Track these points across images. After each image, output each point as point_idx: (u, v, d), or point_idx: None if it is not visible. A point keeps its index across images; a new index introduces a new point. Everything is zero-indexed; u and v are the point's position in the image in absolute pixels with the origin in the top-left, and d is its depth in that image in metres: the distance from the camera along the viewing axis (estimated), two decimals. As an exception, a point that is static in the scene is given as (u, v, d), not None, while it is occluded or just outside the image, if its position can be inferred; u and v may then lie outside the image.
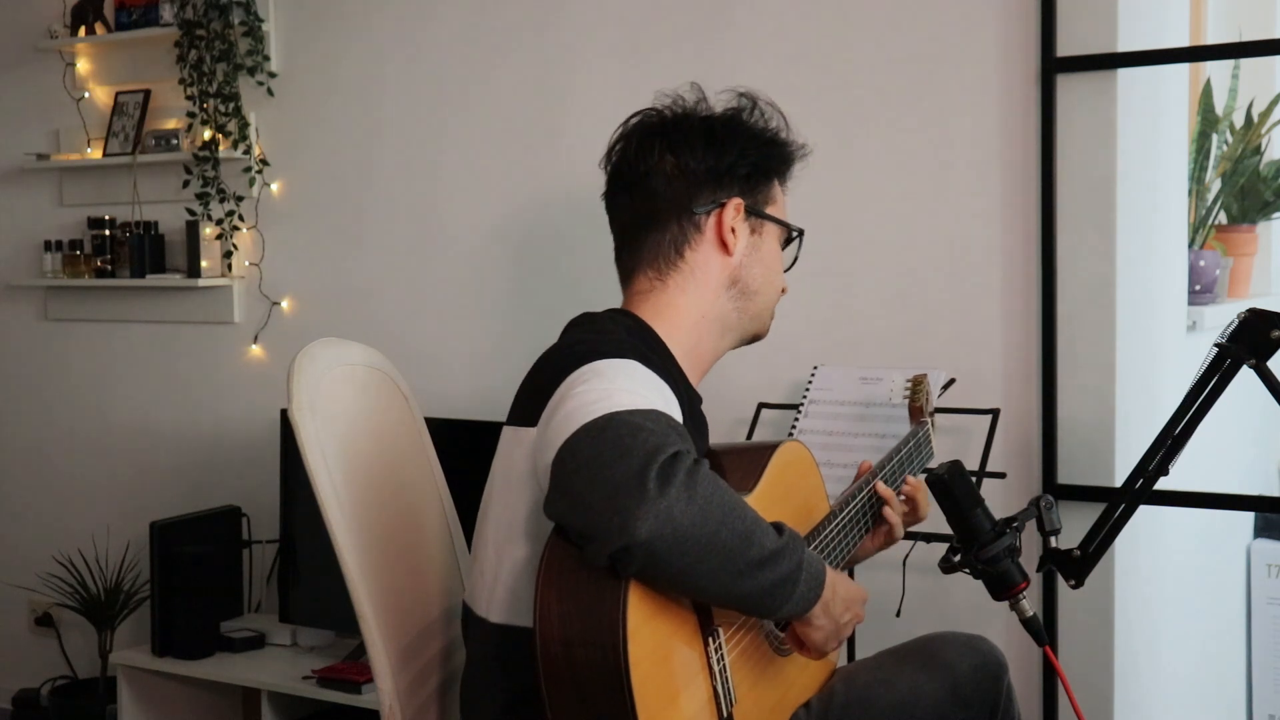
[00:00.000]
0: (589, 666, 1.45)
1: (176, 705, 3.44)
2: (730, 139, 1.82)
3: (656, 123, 1.84)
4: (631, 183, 1.83)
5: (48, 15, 3.86)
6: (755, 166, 1.83)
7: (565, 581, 1.48)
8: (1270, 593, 3.45)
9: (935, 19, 2.74)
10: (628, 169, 1.84)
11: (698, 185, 1.80)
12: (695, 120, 1.83)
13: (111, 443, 3.89)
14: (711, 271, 1.81)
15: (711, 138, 1.81)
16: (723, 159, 1.81)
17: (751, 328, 1.88)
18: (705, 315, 1.82)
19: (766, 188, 1.86)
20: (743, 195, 1.82)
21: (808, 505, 1.87)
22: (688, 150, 1.80)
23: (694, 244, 1.81)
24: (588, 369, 1.58)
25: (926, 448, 2.19)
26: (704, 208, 1.80)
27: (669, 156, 1.80)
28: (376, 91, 3.43)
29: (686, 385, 1.78)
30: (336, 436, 1.91)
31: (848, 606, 1.65)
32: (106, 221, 3.76)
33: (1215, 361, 1.93)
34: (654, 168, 1.81)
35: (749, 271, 1.83)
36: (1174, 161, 2.99)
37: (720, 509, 1.45)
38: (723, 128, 1.83)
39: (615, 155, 1.86)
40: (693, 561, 1.44)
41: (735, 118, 1.85)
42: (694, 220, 1.80)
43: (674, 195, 1.80)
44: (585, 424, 1.46)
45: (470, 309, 3.32)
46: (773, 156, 1.86)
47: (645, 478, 1.41)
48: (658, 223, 1.81)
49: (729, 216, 1.80)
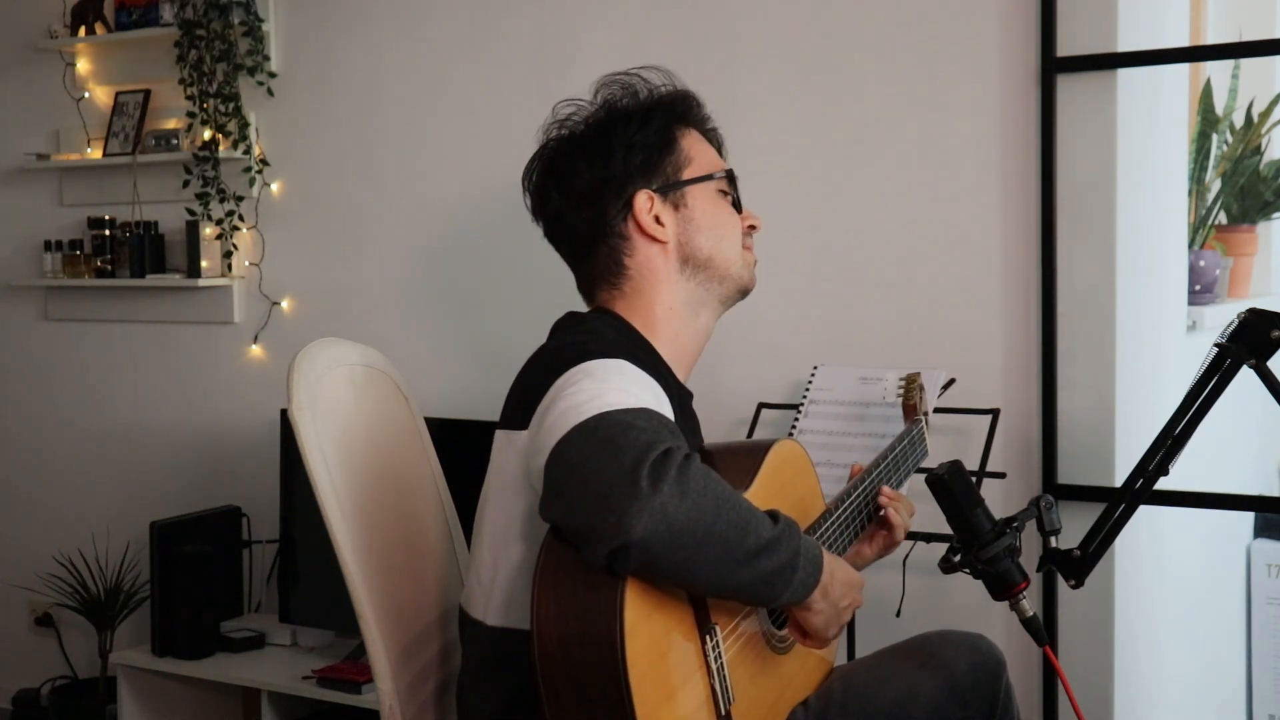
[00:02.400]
0: (586, 666, 1.45)
1: (176, 705, 3.44)
2: (607, 140, 1.82)
3: (542, 163, 1.87)
4: (552, 228, 1.87)
5: (48, 15, 3.86)
6: (646, 147, 1.82)
7: (562, 582, 1.48)
8: (1270, 593, 3.45)
9: (935, 19, 2.74)
10: (542, 217, 1.88)
11: (601, 200, 1.81)
12: (569, 143, 1.84)
13: (111, 443, 3.89)
14: (656, 264, 1.82)
15: (589, 151, 1.82)
16: (610, 164, 1.81)
17: (727, 288, 1.86)
18: (672, 306, 1.82)
19: (671, 155, 1.83)
20: (647, 182, 1.81)
21: (803, 504, 1.86)
22: (574, 177, 1.82)
23: (628, 251, 1.82)
24: (578, 370, 1.58)
25: (921, 446, 2.19)
26: (617, 216, 1.81)
27: (564, 191, 1.83)
28: (376, 92, 3.43)
29: (676, 383, 1.78)
30: (336, 436, 1.91)
31: (846, 590, 1.64)
32: (106, 221, 3.76)
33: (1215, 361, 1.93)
34: (559, 207, 1.84)
35: (692, 245, 1.82)
36: (1174, 161, 2.99)
37: (714, 501, 1.45)
38: (595, 135, 1.83)
39: (530, 209, 1.90)
40: (690, 555, 1.44)
41: (605, 116, 1.85)
42: (615, 232, 1.81)
43: (587, 221, 1.82)
44: (577, 425, 1.47)
45: (470, 309, 3.32)
46: (657, 126, 1.84)
47: (638, 476, 1.41)
48: (589, 250, 1.84)
49: (642, 211, 1.80)
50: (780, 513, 1.55)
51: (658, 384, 1.63)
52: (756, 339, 2.90)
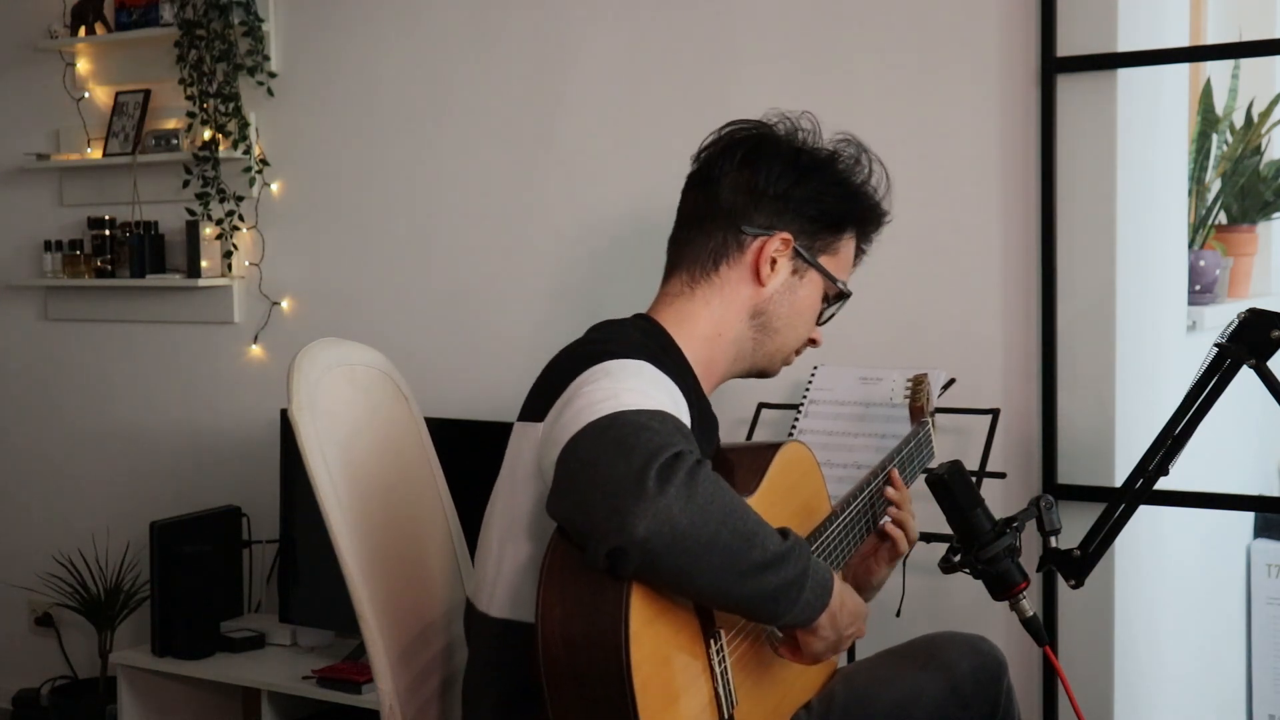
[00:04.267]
0: (591, 668, 1.45)
1: (176, 705, 3.44)
2: (811, 174, 1.80)
3: (753, 133, 1.83)
4: (702, 180, 1.83)
5: (48, 15, 3.86)
6: (825, 210, 1.81)
7: (567, 582, 1.48)
8: (1270, 593, 3.45)
9: (935, 19, 2.74)
10: (705, 165, 1.83)
11: (757, 205, 1.78)
12: (787, 145, 1.82)
13: (111, 443, 3.89)
14: (740, 295, 1.80)
15: (793, 165, 1.79)
16: (794, 190, 1.79)
17: (762, 363, 1.86)
18: (723, 335, 1.80)
19: (831, 236, 1.83)
20: (799, 233, 1.79)
21: (809, 506, 1.86)
22: (764, 168, 1.79)
23: (732, 261, 1.79)
24: (598, 369, 1.58)
25: (928, 447, 2.19)
26: (753, 229, 1.78)
27: (745, 168, 1.79)
28: (376, 92, 3.43)
29: (698, 390, 1.77)
30: (336, 436, 1.91)
31: (853, 620, 1.63)
32: (106, 221, 3.76)
33: (1215, 361, 1.93)
34: (727, 173, 1.80)
35: (775, 308, 1.81)
36: (1174, 161, 2.99)
37: (721, 510, 1.44)
38: (809, 161, 1.81)
39: (703, 150, 1.85)
40: (691, 562, 1.43)
41: (829, 158, 1.83)
42: (739, 238, 1.79)
43: (732, 206, 1.79)
44: (590, 422, 1.46)
45: (470, 309, 3.32)
46: (849, 208, 1.83)
47: (645, 477, 1.40)
48: (707, 227, 1.80)
49: (772, 248, 1.78)
50: (792, 531, 1.54)
51: (678, 388, 1.62)
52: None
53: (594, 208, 3.12)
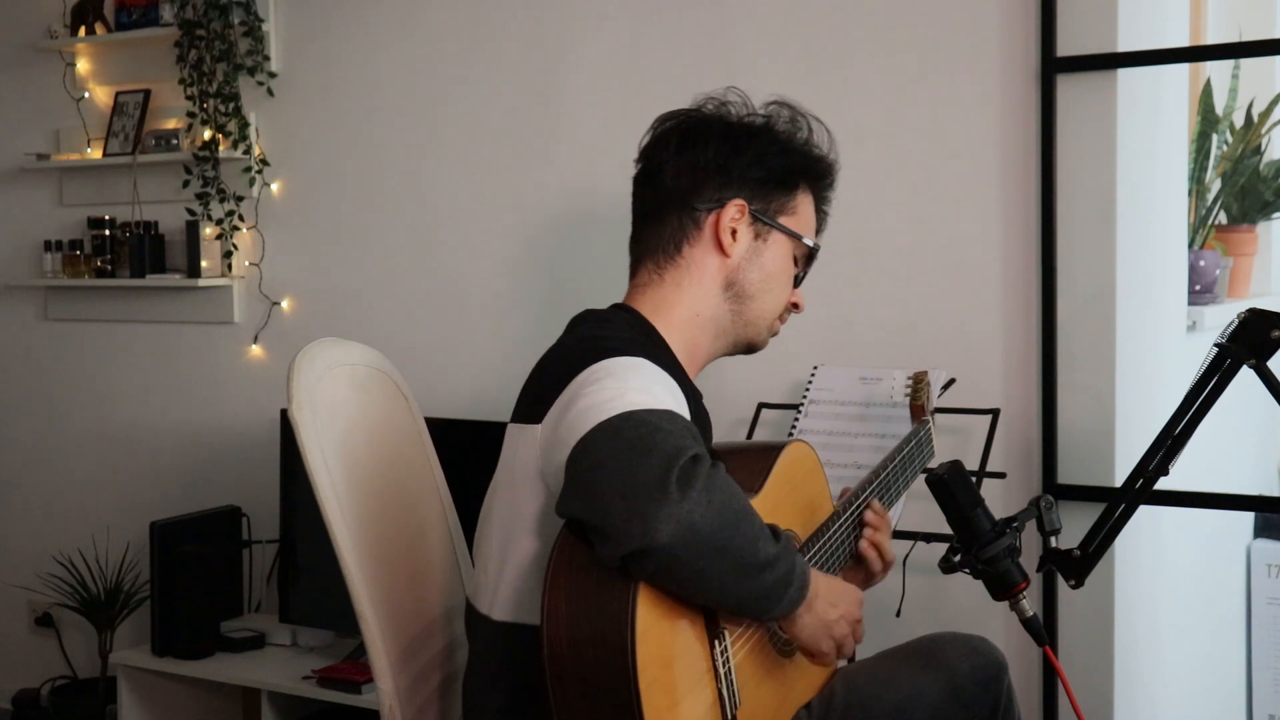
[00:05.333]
0: (597, 668, 1.45)
1: (176, 705, 3.44)
2: (748, 141, 1.81)
3: (682, 118, 1.84)
4: (647, 173, 1.85)
5: (48, 15, 3.86)
6: (771, 171, 1.81)
7: (573, 583, 1.48)
8: (1270, 593, 3.45)
9: (935, 19, 2.74)
10: (645, 160, 1.85)
11: (703, 181, 1.80)
12: (719, 120, 1.83)
13: (111, 443, 3.89)
14: (708, 270, 1.81)
15: (729, 137, 1.81)
16: (734, 158, 1.80)
17: (746, 334, 1.86)
18: (699, 314, 1.81)
19: (784, 196, 1.84)
20: (751, 198, 1.81)
21: (812, 506, 1.87)
22: (701, 145, 1.80)
23: (692, 240, 1.80)
24: (599, 367, 1.58)
25: (928, 446, 2.19)
26: (705, 205, 1.80)
27: (682, 151, 1.81)
28: (376, 91, 3.43)
29: (689, 382, 1.78)
30: (336, 436, 1.91)
31: (833, 603, 1.64)
32: (106, 221, 3.76)
33: (1215, 361, 1.93)
34: (666, 160, 1.82)
35: (746, 275, 1.82)
36: (1174, 161, 2.99)
37: (735, 514, 1.46)
38: (744, 130, 1.82)
39: (641, 146, 1.87)
40: (707, 565, 1.44)
41: (763, 123, 1.84)
42: (694, 216, 1.80)
43: (679, 189, 1.80)
44: (601, 422, 1.46)
45: (470, 309, 3.32)
46: (792, 164, 1.84)
47: (667, 480, 1.40)
48: (661, 216, 1.82)
49: (728, 217, 1.79)
50: (779, 528, 1.56)
51: (675, 383, 1.63)
52: (756, 339, 2.89)
53: (594, 207, 3.12)
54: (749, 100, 1.87)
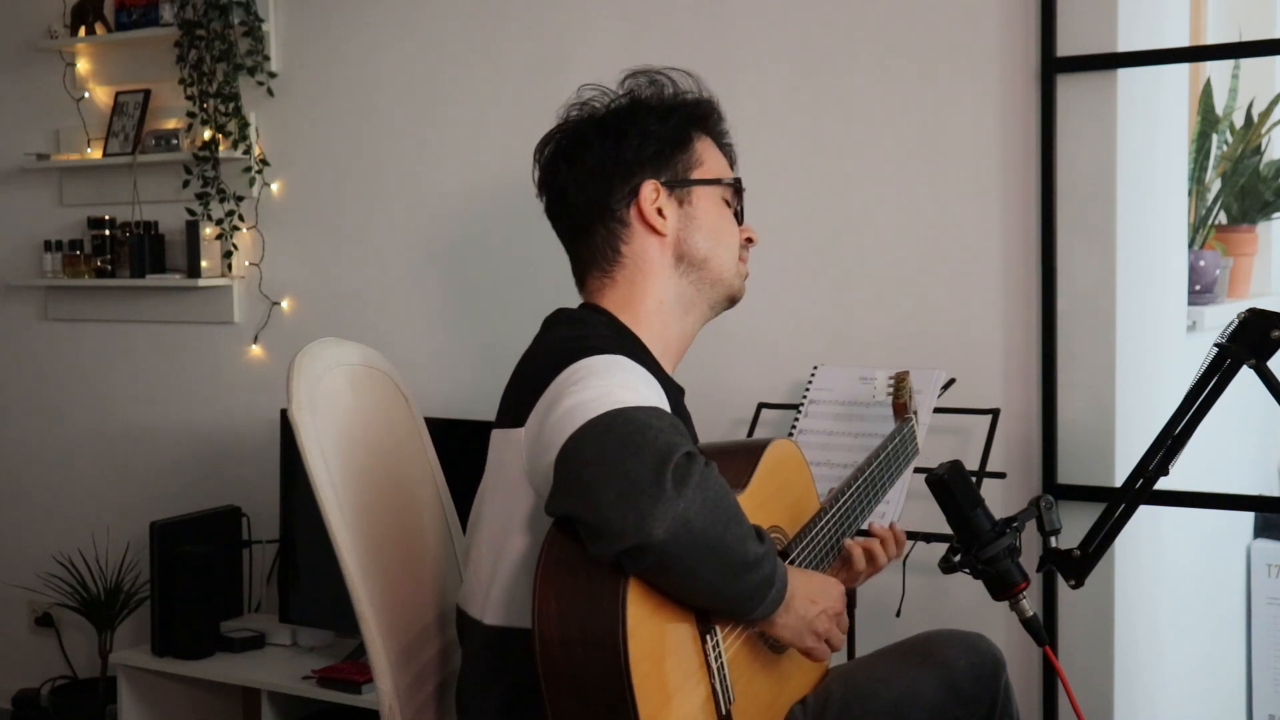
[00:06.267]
0: (589, 666, 1.45)
1: (176, 705, 3.44)
2: (624, 125, 1.82)
3: (556, 137, 1.86)
4: (553, 202, 1.86)
5: (48, 15, 3.86)
6: (661, 139, 1.82)
7: (563, 582, 1.48)
8: (1270, 593, 3.45)
9: (935, 19, 2.74)
10: (546, 190, 1.86)
11: (606, 182, 1.80)
12: (587, 123, 1.84)
13: (111, 443, 3.89)
14: (652, 256, 1.81)
15: (605, 132, 1.81)
16: (622, 148, 1.80)
17: (718, 293, 1.86)
18: (662, 301, 1.81)
19: (684, 154, 1.83)
20: (656, 174, 1.81)
21: (799, 504, 1.87)
22: (585, 154, 1.81)
23: (625, 238, 1.81)
24: (580, 366, 1.58)
25: (912, 444, 2.20)
26: (620, 201, 1.80)
27: (573, 166, 1.82)
28: (376, 92, 3.43)
29: (668, 379, 1.78)
30: (336, 436, 1.91)
31: (813, 599, 1.65)
32: (106, 221, 3.76)
33: (1215, 361, 1.93)
34: (565, 181, 1.82)
35: (690, 243, 1.81)
36: (1174, 161, 2.99)
37: (726, 511, 1.47)
38: (614, 118, 1.83)
39: (536, 183, 1.88)
40: (699, 562, 1.45)
41: (628, 103, 1.85)
42: (616, 216, 1.81)
43: (589, 200, 1.81)
44: (589, 420, 1.46)
45: (470, 309, 3.32)
46: (676, 122, 1.84)
47: (662, 477, 1.41)
48: (586, 230, 1.82)
49: (647, 200, 1.80)
50: (763, 529, 1.56)
51: (656, 380, 1.63)
52: (756, 339, 2.90)
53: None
54: (604, 88, 1.87)
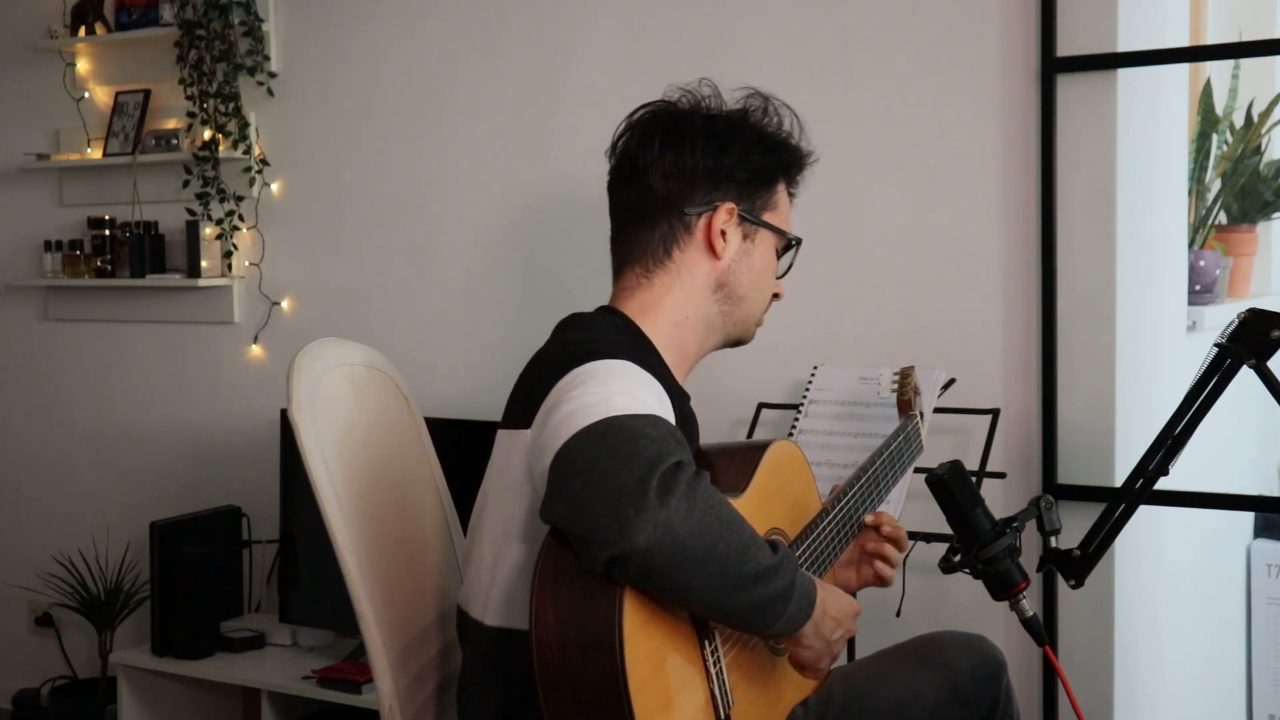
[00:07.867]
0: (586, 671, 1.45)
1: (176, 705, 3.44)
2: (732, 140, 1.80)
3: (662, 116, 1.82)
4: (629, 175, 1.82)
5: (48, 15, 3.86)
6: (756, 170, 1.81)
7: (560, 586, 1.48)
8: (1270, 593, 3.45)
9: (935, 19, 2.74)
10: (627, 161, 1.82)
11: (693, 185, 1.78)
12: (699, 117, 1.81)
13: (111, 443, 3.89)
14: (698, 273, 1.80)
15: (713, 136, 1.79)
16: (722, 160, 1.78)
17: (736, 332, 1.86)
18: (690, 315, 1.81)
19: (767, 193, 1.83)
20: (738, 199, 1.80)
21: (800, 504, 1.86)
22: (687, 148, 1.78)
23: (683, 244, 1.79)
24: (582, 370, 1.57)
25: (916, 441, 2.17)
26: (696, 209, 1.78)
27: (668, 153, 1.78)
28: (376, 92, 3.43)
29: (675, 385, 1.77)
30: (336, 436, 1.91)
31: (839, 624, 1.64)
32: (106, 221, 3.76)
33: (1215, 361, 1.93)
34: (652, 163, 1.79)
35: (737, 277, 1.81)
36: (1174, 161, 2.99)
37: (718, 522, 1.45)
38: (726, 127, 1.81)
39: (618, 146, 1.84)
40: (688, 574, 1.43)
41: (742, 118, 1.83)
42: (684, 220, 1.79)
43: (668, 193, 1.78)
44: (584, 427, 1.45)
45: (470, 309, 3.32)
46: (776, 161, 1.84)
47: (647, 486, 1.40)
48: (649, 219, 1.80)
49: (720, 220, 1.78)
50: (780, 543, 1.55)
51: (661, 386, 1.62)
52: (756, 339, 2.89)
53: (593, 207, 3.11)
54: (719, 91, 1.85)
